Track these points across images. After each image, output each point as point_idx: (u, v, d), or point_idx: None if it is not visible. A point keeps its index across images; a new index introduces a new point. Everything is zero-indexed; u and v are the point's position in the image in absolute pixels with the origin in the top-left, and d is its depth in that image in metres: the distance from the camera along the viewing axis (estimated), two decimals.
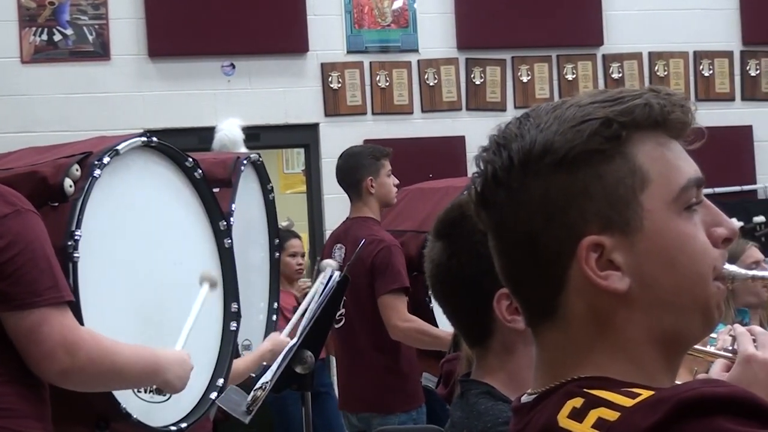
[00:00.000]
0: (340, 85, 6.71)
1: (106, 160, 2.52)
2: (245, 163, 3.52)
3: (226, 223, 3.02)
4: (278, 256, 3.84)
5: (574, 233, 1.06)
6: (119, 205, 2.65)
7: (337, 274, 2.81)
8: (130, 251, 2.67)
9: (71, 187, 2.44)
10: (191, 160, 2.89)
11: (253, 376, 3.24)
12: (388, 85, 6.77)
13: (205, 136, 6.12)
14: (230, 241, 3.03)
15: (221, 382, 2.91)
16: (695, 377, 1.76)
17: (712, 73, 7.17)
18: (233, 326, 3.02)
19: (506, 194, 1.08)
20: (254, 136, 6.40)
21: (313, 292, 3.68)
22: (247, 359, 3.29)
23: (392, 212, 4.96)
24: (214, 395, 2.87)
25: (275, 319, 3.71)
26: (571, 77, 7.00)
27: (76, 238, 2.39)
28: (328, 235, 5.67)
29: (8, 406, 2.18)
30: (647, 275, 1.06)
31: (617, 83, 6.92)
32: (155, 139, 2.76)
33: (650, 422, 0.94)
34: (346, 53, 6.75)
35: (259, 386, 2.80)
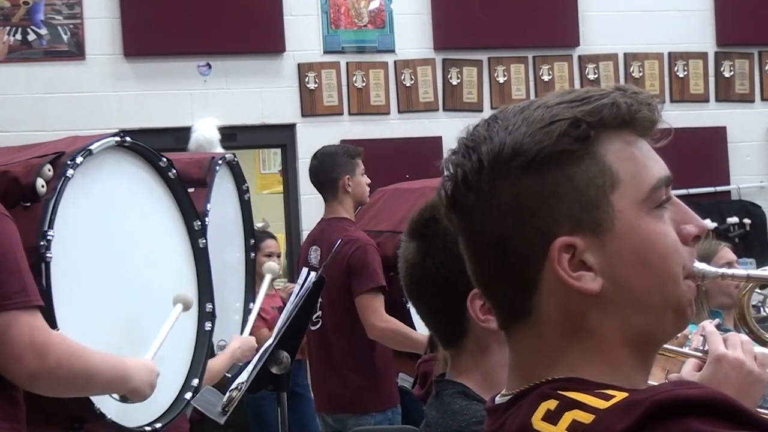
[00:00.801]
0: (316, 85, 6.70)
1: (79, 160, 2.50)
2: (220, 163, 3.51)
3: (200, 223, 3.01)
4: (254, 256, 3.83)
5: (545, 235, 1.05)
6: (93, 205, 2.63)
7: (312, 274, 2.80)
8: (103, 251, 2.65)
9: (43, 187, 2.43)
10: (165, 159, 2.87)
11: (228, 376, 3.23)
12: (364, 85, 6.77)
13: (181, 136, 6.10)
14: (205, 241, 3.02)
15: (196, 382, 2.90)
16: (667, 376, 1.77)
17: (686, 74, 7.21)
18: (208, 326, 3.01)
19: (476, 197, 1.08)
20: (230, 136, 6.38)
21: (263, 293, 3.69)
22: (218, 359, 3.28)
23: (369, 213, 4.95)
24: (189, 395, 2.86)
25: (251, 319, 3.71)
26: (547, 78, 7.02)
27: (48, 238, 2.37)
28: (305, 235, 5.67)
29: None
30: (619, 275, 1.06)
31: (593, 84, 6.93)
32: (129, 138, 2.74)
33: (624, 425, 0.94)
34: (322, 53, 6.74)
35: (234, 387, 2.79)
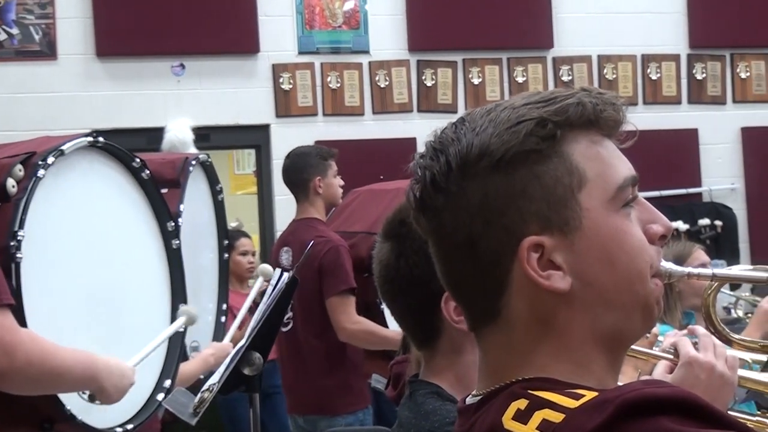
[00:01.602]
0: (291, 86, 6.69)
1: (50, 160, 2.49)
2: (194, 163, 3.50)
3: (174, 223, 3.00)
4: (227, 257, 3.82)
5: (514, 234, 1.06)
6: (65, 205, 2.61)
7: (285, 275, 2.79)
8: (75, 252, 2.64)
9: (14, 187, 2.41)
10: (138, 160, 2.86)
11: (201, 377, 3.22)
12: (339, 86, 6.76)
13: (154, 136, 6.08)
14: (178, 242, 3.00)
15: (168, 383, 2.89)
16: (639, 377, 1.78)
17: (659, 76, 7.25)
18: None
19: (445, 199, 1.08)
20: (204, 136, 6.36)
21: (252, 294, 3.69)
22: (190, 364, 3.26)
23: (343, 214, 4.95)
24: (161, 396, 2.84)
25: (224, 320, 3.70)
26: (521, 80, 7.04)
27: (18, 238, 2.36)
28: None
29: None
30: (588, 274, 1.07)
31: (567, 86, 6.96)
32: (101, 139, 2.72)
33: (595, 423, 0.94)
34: (297, 54, 6.73)
35: (206, 388, 2.77)
